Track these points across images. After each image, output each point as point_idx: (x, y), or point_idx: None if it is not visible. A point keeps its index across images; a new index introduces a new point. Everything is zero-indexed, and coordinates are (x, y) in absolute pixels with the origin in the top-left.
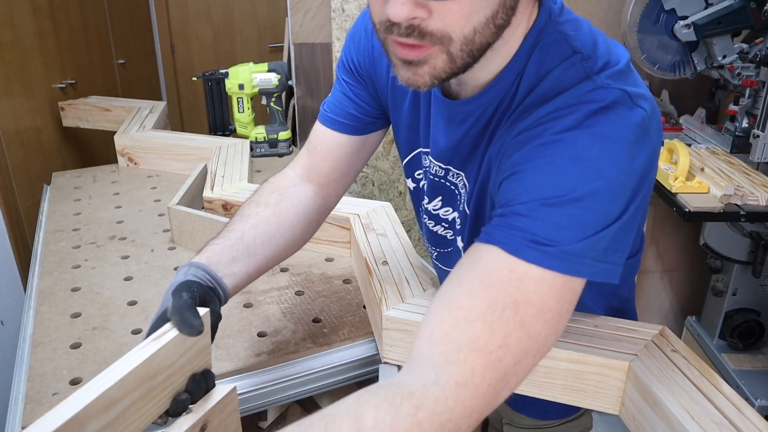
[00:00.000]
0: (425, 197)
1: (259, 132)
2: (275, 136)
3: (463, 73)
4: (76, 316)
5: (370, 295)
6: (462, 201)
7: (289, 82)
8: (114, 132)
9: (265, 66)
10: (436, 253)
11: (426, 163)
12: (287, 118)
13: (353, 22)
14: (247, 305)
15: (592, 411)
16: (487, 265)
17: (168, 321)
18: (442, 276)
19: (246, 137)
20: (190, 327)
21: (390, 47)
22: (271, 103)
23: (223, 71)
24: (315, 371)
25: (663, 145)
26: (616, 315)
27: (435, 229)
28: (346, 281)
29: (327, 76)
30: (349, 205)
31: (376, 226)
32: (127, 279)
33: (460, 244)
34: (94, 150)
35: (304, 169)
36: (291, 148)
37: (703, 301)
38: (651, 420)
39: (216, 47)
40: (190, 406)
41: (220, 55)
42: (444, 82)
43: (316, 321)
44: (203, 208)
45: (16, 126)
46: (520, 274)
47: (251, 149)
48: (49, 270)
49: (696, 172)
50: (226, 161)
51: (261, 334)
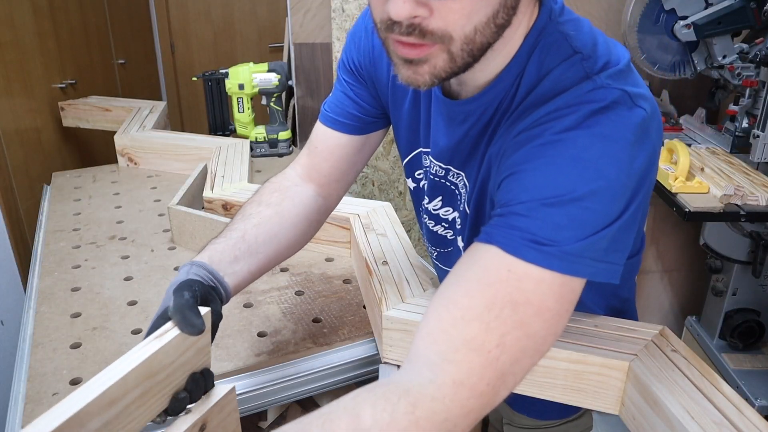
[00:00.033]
0: (425, 197)
1: (259, 132)
2: (275, 136)
3: (464, 73)
4: (76, 316)
5: (370, 295)
6: (462, 201)
7: (289, 82)
8: (114, 132)
9: (265, 66)
10: (436, 253)
11: (426, 163)
12: (287, 118)
13: (353, 22)
14: (247, 305)
15: (592, 411)
16: (485, 264)
17: (169, 320)
18: (442, 276)
19: (246, 137)
20: (191, 326)
21: (391, 46)
22: (271, 103)
23: (223, 71)
24: (315, 371)
25: (663, 145)
26: (616, 315)
27: (435, 229)
28: (346, 281)
29: (327, 76)
30: (349, 205)
31: (376, 226)
32: (127, 279)
33: (461, 243)
34: (94, 150)
35: (305, 169)
36: (291, 148)
37: (703, 301)
38: (651, 420)
39: (216, 47)
40: (188, 406)
41: (220, 55)
42: (444, 81)
43: (316, 321)
44: (203, 208)
45: (16, 126)
46: (519, 274)
47: (251, 149)
48: (49, 270)
49: (696, 172)
50: (226, 161)
51: (261, 334)
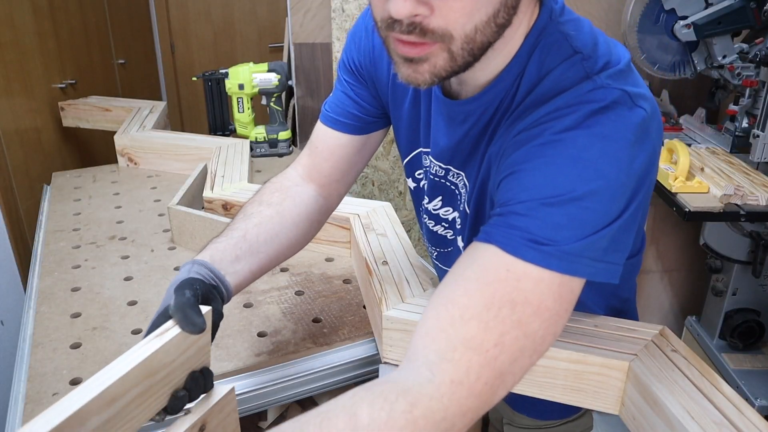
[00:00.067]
0: (425, 197)
1: (259, 132)
2: (275, 136)
3: (464, 72)
4: (76, 316)
5: (370, 295)
6: (462, 201)
7: (289, 82)
8: (114, 132)
9: (265, 66)
10: (436, 253)
11: (426, 163)
12: (287, 118)
13: (353, 22)
14: (247, 305)
15: (592, 411)
16: (484, 263)
17: (170, 318)
18: (442, 276)
19: (246, 137)
20: (192, 325)
21: (391, 45)
22: (271, 103)
23: (223, 71)
24: (315, 371)
25: (663, 145)
26: (616, 315)
27: (435, 228)
28: (346, 281)
29: (327, 76)
30: (349, 205)
31: (376, 226)
32: (127, 279)
33: (461, 243)
34: (94, 150)
35: (305, 169)
36: (291, 148)
37: (703, 301)
38: (651, 420)
39: (216, 47)
40: (187, 407)
41: (220, 55)
42: (444, 80)
43: (316, 321)
44: (203, 208)
45: (16, 126)
46: (518, 273)
47: (251, 149)
48: (49, 270)
49: (696, 172)
50: (226, 161)
51: (261, 334)
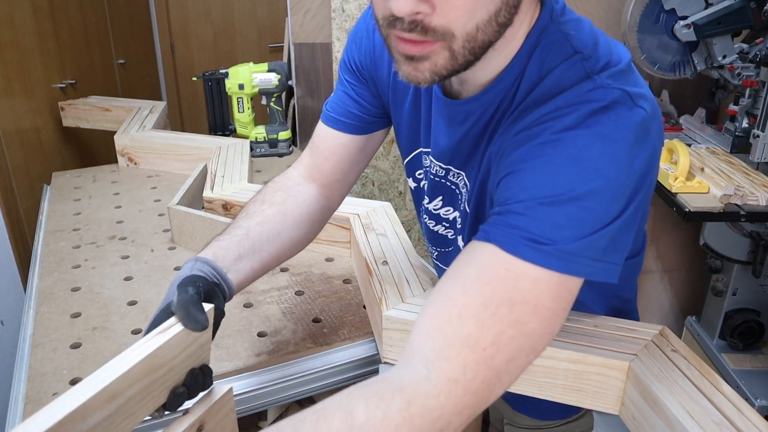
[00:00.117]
0: (425, 197)
1: (259, 132)
2: (275, 136)
3: (465, 72)
4: (76, 316)
5: (370, 295)
6: (463, 200)
7: (289, 82)
8: (114, 132)
9: (265, 66)
10: (436, 253)
11: (426, 163)
12: (287, 118)
13: (353, 22)
14: (247, 305)
15: (592, 411)
16: (483, 262)
17: (172, 315)
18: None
19: (246, 137)
20: (195, 322)
21: (392, 43)
22: (271, 103)
23: (223, 71)
24: (315, 371)
25: (663, 145)
26: (617, 315)
27: (436, 228)
28: (346, 281)
29: (327, 76)
30: (349, 205)
31: (376, 226)
32: (127, 279)
33: (461, 243)
34: (94, 150)
35: (307, 169)
36: (291, 148)
37: (703, 301)
38: (651, 420)
39: (216, 47)
40: (186, 406)
41: (220, 55)
42: (445, 79)
43: (316, 321)
44: (203, 208)
45: (16, 126)
46: (516, 273)
47: (251, 149)
48: (49, 270)
49: (696, 172)
50: (226, 161)
51: (261, 334)
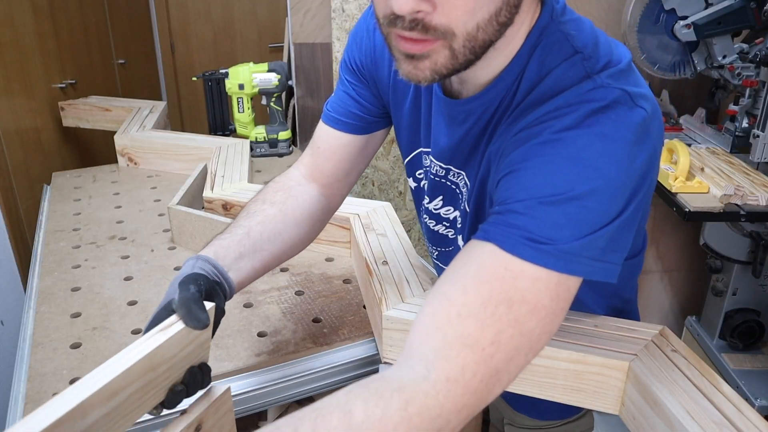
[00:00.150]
0: (426, 197)
1: (259, 132)
2: (275, 136)
3: (465, 71)
4: (76, 316)
5: (370, 295)
6: (463, 200)
7: (289, 82)
8: (114, 132)
9: (265, 66)
10: (437, 253)
11: (427, 163)
12: (287, 118)
13: (353, 22)
14: (247, 305)
15: (592, 411)
16: (482, 261)
17: (172, 312)
18: None
19: (246, 137)
20: (196, 320)
21: (393, 41)
22: (271, 103)
23: (223, 71)
24: (315, 371)
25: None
26: (617, 315)
27: (436, 228)
28: (346, 281)
29: (327, 76)
30: (349, 205)
31: (376, 226)
32: (127, 279)
33: (461, 243)
34: (94, 150)
35: (308, 169)
36: (291, 148)
37: (703, 301)
38: (651, 420)
39: (216, 47)
40: (182, 407)
41: (220, 55)
42: (445, 78)
43: (316, 321)
44: (203, 208)
45: (16, 126)
46: (515, 272)
47: (251, 149)
48: (49, 270)
49: (696, 172)
50: (226, 161)
51: (261, 334)
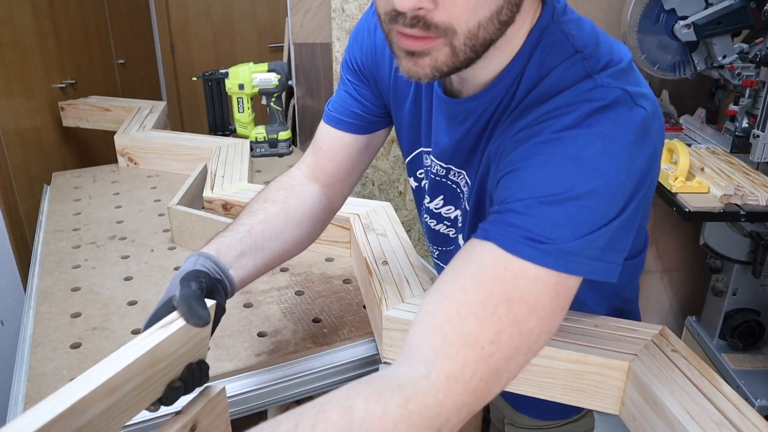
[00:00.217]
0: (426, 196)
1: (259, 132)
2: (275, 136)
3: (465, 70)
4: (76, 316)
5: (370, 295)
6: (464, 199)
7: (289, 82)
8: (114, 132)
9: (265, 66)
10: (437, 252)
11: (427, 162)
12: (287, 118)
13: (353, 22)
14: (247, 305)
15: (592, 411)
16: (481, 261)
17: (173, 309)
18: None
19: (246, 137)
20: (197, 318)
21: (394, 38)
22: (271, 103)
23: (223, 71)
24: (315, 371)
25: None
26: (618, 315)
27: (437, 227)
28: (346, 281)
29: (327, 76)
30: (349, 205)
31: (376, 226)
32: (127, 279)
33: (462, 242)
34: (94, 150)
35: (309, 169)
36: (291, 148)
37: (703, 301)
38: (651, 420)
39: (216, 47)
40: (178, 407)
41: (220, 55)
42: (445, 76)
43: (316, 321)
44: (203, 208)
45: (16, 126)
46: (515, 271)
47: (251, 149)
48: (49, 270)
49: (696, 172)
50: (226, 161)
51: (261, 334)
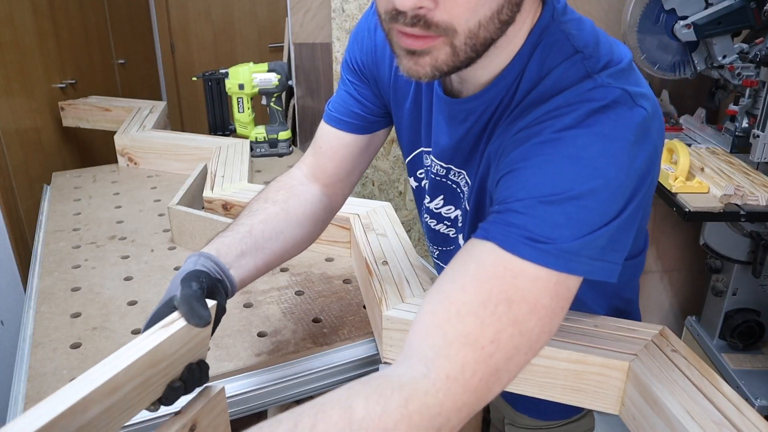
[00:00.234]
0: (426, 196)
1: (259, 132)
2: (275, 136)
3: (465, 70)
4: (76, 316)
5: (370, 295)
6: (464, 199)
7: (289, 82)
8: (114, 132)
9: (265, 66)
10: (437, 252)
11: (427, 162)
12: (287, 118)
13: (353, 22)
14: (247, 305)
15: (592, 411)
16: (481, 260)
17: (174, 309)
18: None
19: (246, 137)
20: (198, 318)
21: (394, 38)
22: (271, 103)
23: (223, 71)
24: (315, 371)
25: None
26: (619, 315)
27: (437, 227)
28: (346, 281)
29: (327, 76)
30: (349, 205)
31: (376, 226)
32: (127, 279)
33: (462, 242)
34: (94, 150)
35: (310, 169)
36: (291, 148)
37: (703, 301)
38: (651, 420)
39: (216, 47)
40: (177, 407)
41: (220, 55)
42: (445, 75)
43: (316, 321)
44: (203, 208)
45: (16, 126)
46: (515, 271)
47: (251, 149)
48: (49, 270)
49: (696, 172)
50: (226, 161)
51: (261, 334)
